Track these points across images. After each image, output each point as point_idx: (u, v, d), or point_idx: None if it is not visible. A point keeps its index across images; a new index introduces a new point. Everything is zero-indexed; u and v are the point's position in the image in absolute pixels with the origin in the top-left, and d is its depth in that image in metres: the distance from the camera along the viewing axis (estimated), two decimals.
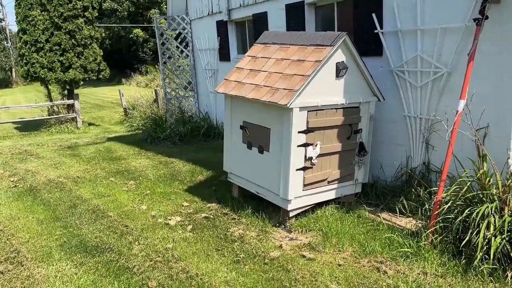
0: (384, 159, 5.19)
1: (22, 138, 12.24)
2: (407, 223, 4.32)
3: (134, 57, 34.88)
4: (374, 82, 4.71)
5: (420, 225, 4.17)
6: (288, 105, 4.17)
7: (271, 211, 4.87)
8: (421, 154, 4.75)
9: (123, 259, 3.95)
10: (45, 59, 13.12)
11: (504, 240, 3.40)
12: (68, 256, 4.08)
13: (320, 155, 4.58)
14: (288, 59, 4.69)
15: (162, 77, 10.15)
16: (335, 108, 4.57)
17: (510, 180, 3.68)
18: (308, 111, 4.37)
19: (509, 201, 3.56)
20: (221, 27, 8.62)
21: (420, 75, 4.63)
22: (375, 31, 4.99)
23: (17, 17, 13.54)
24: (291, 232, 4.46)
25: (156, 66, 28.45)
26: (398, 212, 4.52)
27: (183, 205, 5.30)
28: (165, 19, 10.04)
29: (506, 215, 3.48)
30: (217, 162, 6.74)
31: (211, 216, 4.89)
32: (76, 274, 3.74)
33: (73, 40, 13.37)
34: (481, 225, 3.48)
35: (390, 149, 5.13)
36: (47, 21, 13.03)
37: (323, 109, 4.47)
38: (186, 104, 10.34)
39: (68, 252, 4.18)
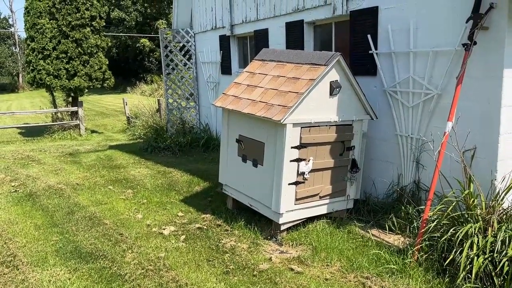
0: (376, 176, 5.30)
1: (25, 144, 12.41)
2: (395, 240, 4.41)
3: (140, 66, 35.28)
4: (367, 100, 4.84)
5: (407, 242, 4.26)
6: (281, 121, 4.30)
7: (264, 224, 4.96)
8: (412, 173, 4.85)
9: (115, 267, 4.05)
10: (51, 66, 13.37)
11: (487, 260, 3.48)
12: (63, 262, 4.19)
13: (312, 170, 4.69)
14: (284, 76, 4.83)
15: (165, 88, 10.34)
16: (329, 125, 4.69)
17: (494, 202, 3.78)
18: (301, 127, 4.50)
19: (493, 222, 3.65)
20: (224, 41, 8.82)
21: (412, 96, 4.76)
22: (370, 51, 5.13)
23: (25, 25, 13.83)
24: (282, 245, 4.55)
25: (161, 76, 28.75)
26: (387, 229, 4.61)
27: (178, 215, 5.41)
28: (171, 32, 10.27)
29: (489, 236, 3.57)
30: (215, 173, 6.85)
31: (205, 227, 4.99)
32: (69, 279, 3.84)
33: (79, 49, 13.63)
34: (465, 244, 3.57)
35: (382, 167, 5.23)
36: (55, 29, 13.30)
37: (316, 126, 4.60)
38: (188, 115, 10.50)
39: (63, 257, 4.28)
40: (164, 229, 4.94)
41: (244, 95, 5.08)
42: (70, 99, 14.99)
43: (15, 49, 43.89)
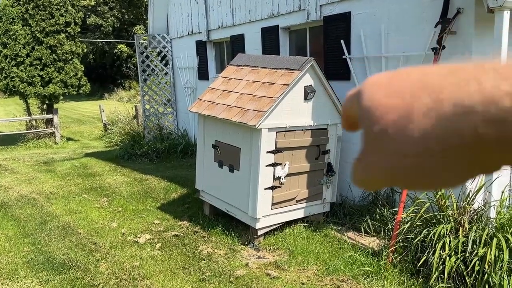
0: None
1: None
2: (371, 242, 4.45)
3: (117, 72, 34.85)
4: (341, 105, 4.88)
5: (382, 244, 4.30)
6: (257, 126, 4.30)
7: (241, 230, 4.94)
8: None
9: (89, 277, 3.96)
10: (25, 73, 13.08)
11: (459, 260, 3.54)
12: (34, 273, 4.07)
13: (288, 175, 4.69)
14: (259, 81, 4.83)
15: (141, 94, 10.23)
16: (304, 130, 4.72)
17: (465, 203, 3.85)
18: (276, 132, 4.50)
19: (464, 222, 3.72)
20: (200, 47, 8.79)
21: None
22: (344, 56, 5.20)
23: None
24: (259, 250, 4.53)
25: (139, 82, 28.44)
26: (363, 232, 4.64)
27: (154, 223, 5.34)
28: (147, 37, 10.18)
29: (460, 236, 3.64)
30: (193, 179, 6.77)
31: (181, 234, 4.94)
32: None
33: (54, 55, 13.38)
34: (437, 245, 3.63)
35: None
36: (29, 35, 13.04)
37: (291, 130, 4.61)
38: (165, 121, 10.41)
39: (35, 269, 4.17)
40: (139, 237, 4.86)
41: (219, 100, 5.06)
42: (45, 106, 14.68)
43: None
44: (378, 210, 4.70)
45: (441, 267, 3.56)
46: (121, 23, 33.95)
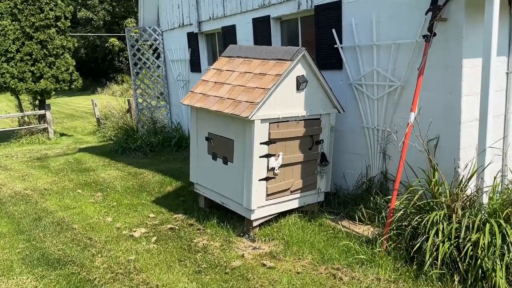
0: (346, 169, 5.36)
1: None
2: (365, 230, 4.48)
3: (110, 66, 34.57)
4: (334, 94, 4.88)
5: (376, 232, 4.33)
6: (249, 117, 4.29)
7: (236, 221, 4.95)
8: (379, 164, 4.93)
9: (84, 272, 3.96)
10: (16, 69, 12.95)
11: (452, 246, 3.57)
12: (30, 270, 4.07)
13: (282, 165, 4.70)
14: (251, 73, 4.82)
15: (133, 88, 10.17)
16: (297, 120, 4.71)
17: (458, 189, 3.88)
18: (269, 123, 4.50)
19: (457, 208, 3.74)
20: (192, 38, 8.73)
21: (377, 88, 4.83)
22: (335, 46, 5.18)
23: None
24: (255, 241, 4.55)
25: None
26: (357, 220, 4.67)
27: (149, 217, 5.34)
28: (137, 30, 10.10)
29: (453, 222, 3.66)
30: (187, 172, 6.76)
31: (177, 227, 4.94)
32: (36, 287, 3.74)
33: (44, 50, 13.24)
34: (430, 231, 3.65)
35: (351, 159, 5.30)
36: (18, 31, 12.88)
37: (284, 121, 4.61)
38: (159, 115, 10.37)
39: (30, 265, 4.16)
40: (134, 231, 4.86)
41: (211, 92, 5.04)
42: (37, 102, 14.56)
43: None
44: (372, 198, 4.72)
45: (434, 253, 3.59)
46: (112, 16, 33.62)
